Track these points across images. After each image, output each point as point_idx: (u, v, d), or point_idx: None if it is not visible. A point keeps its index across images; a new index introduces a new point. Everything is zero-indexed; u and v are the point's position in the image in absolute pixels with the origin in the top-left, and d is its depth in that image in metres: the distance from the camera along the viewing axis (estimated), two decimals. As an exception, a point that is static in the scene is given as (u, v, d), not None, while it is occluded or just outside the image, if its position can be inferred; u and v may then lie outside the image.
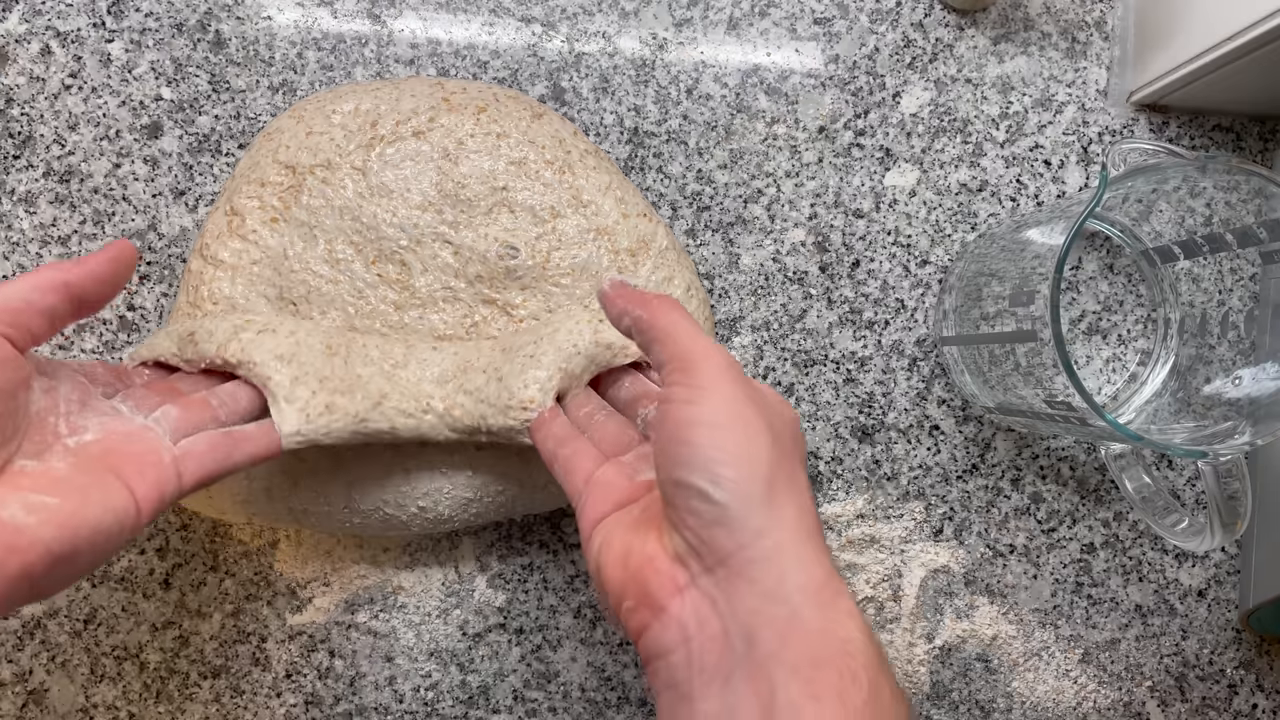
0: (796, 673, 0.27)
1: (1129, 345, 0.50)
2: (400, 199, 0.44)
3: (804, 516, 0.30)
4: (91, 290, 0.34)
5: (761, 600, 0.28)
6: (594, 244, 0.45)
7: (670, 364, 0.32)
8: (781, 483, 0.30)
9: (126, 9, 0.48)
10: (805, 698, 0.27)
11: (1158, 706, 0.50)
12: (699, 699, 0.28)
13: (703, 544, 0.29)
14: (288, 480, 0.43)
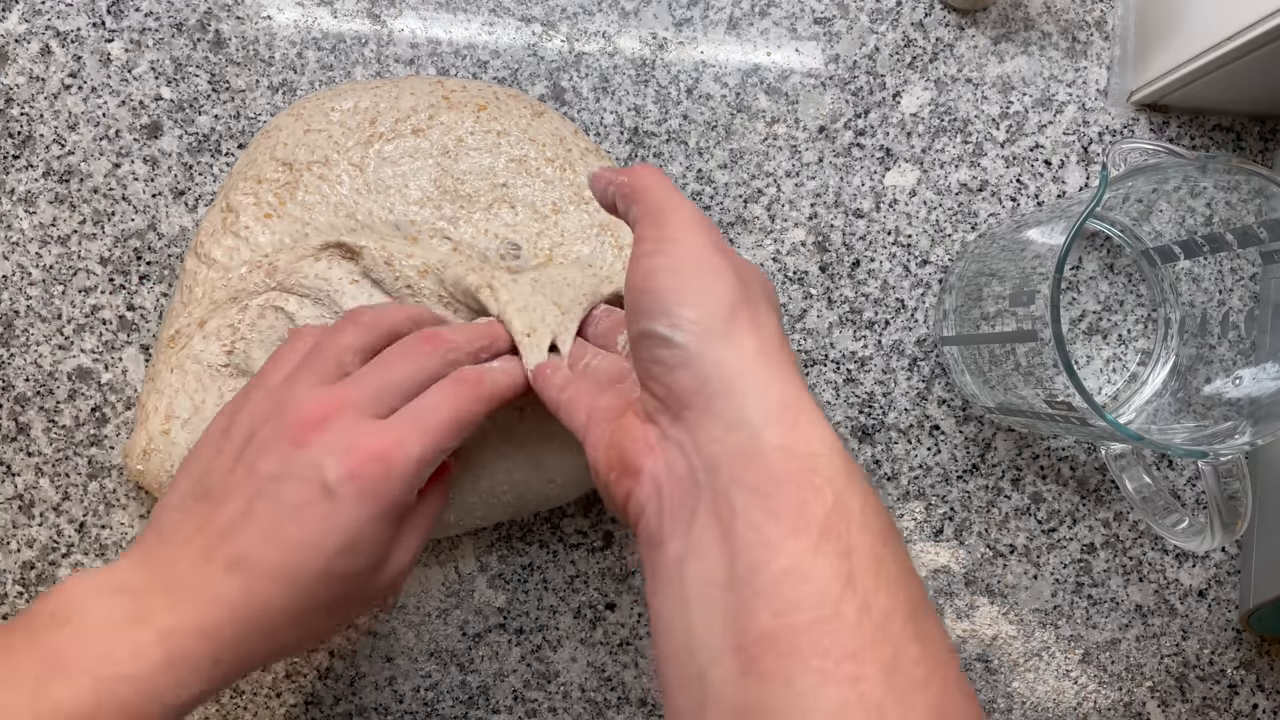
0: (756, 492, 0.26)
1: (1129, 345, 0.50)
2: (398, 195, 0.44)
3: (767, 345, 0.29)
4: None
5: (723, 429, 0.28)
6: (597, 239, 0.45)
7: (642, 219, 0.32)
8: (743, 320, 0.29)
9: (126, 9, 0.48)
10: (764, 515, 0.26)
11: (1158, 707, 0.50)
12: (668, 541, 0.28)
13: (668, 392, 0.29)
14: None
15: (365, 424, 0.33)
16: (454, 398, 0.35)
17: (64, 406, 0.47)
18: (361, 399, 0.34)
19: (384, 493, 0.32)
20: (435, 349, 0.36)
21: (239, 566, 0.31)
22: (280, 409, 0.34)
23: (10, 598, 0.46)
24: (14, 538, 0.46)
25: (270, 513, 0.32)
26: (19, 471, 0.46)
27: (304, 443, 0.32)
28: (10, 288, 0.47)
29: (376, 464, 0.32)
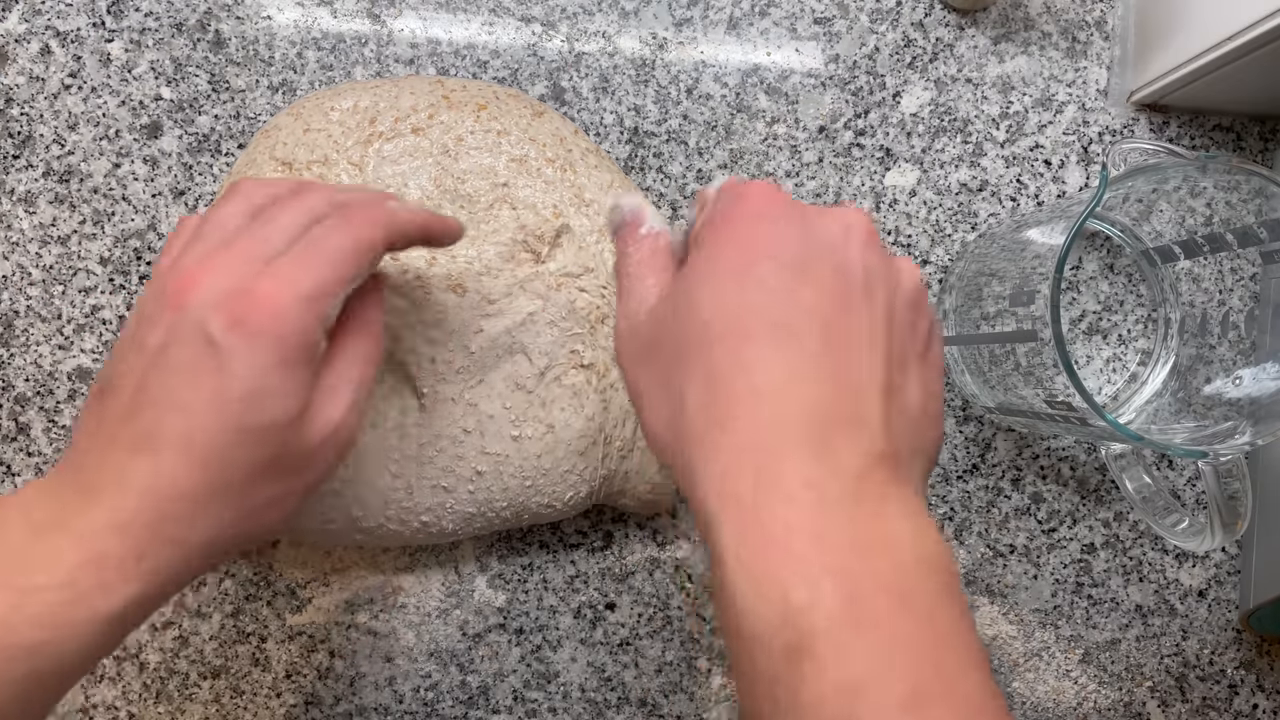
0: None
1: (1129, 345, 0.50)
2: (397, 194, 0.44)
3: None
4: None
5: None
6: (596, 245, 0.45)
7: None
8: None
9: (126, 9, 0.48)
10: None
11: (1158, 707, 0.50)
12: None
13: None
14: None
15: (246, 270, 0.30)
16: (344, 223, 0.32)
17: (64, 406, 0.47)
18: (242, 251, 0.31)
19: (276, 332, 0.30)
20: (324, 194, 0.33)
21: (143, 445, 0.29)
22: (162, 282, 0.31)
23: (10, 598, 0.46)
24: (14, 538, 0.46)
25: (162, 382, 0.30)
26: (19, 471, 0.46)
27: (183, 305, 0.30)
28: (10, 288, 0.47)
29: (262, 305, 0.30)
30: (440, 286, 0.43)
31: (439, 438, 0.43)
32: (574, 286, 0.44)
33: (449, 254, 0.43)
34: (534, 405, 0.44)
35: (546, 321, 0.43)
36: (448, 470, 0.43)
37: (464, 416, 0.43)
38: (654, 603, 0.48)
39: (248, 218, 0.33)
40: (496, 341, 0.43)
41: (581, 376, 0.44)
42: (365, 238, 0.32)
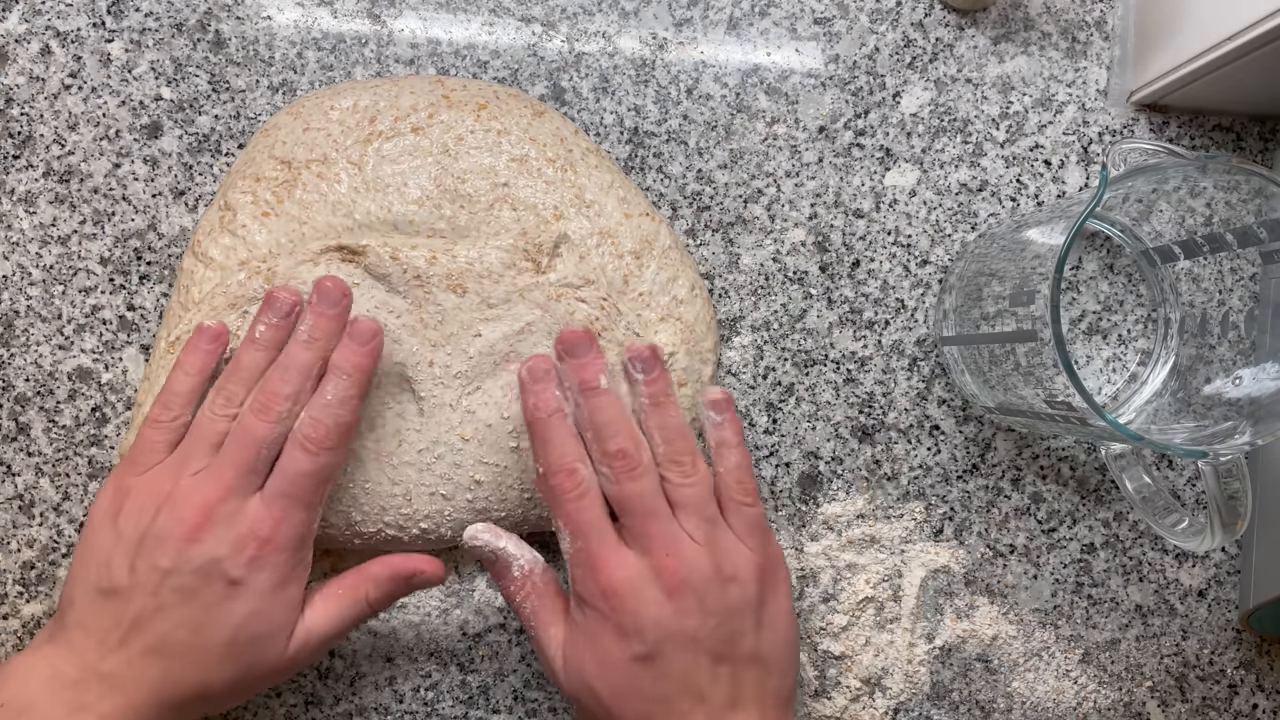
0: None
1: (1129, 345, 0.50)
2: (397, 194, 0.44)
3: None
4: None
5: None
6: (597, 250, 0.45)
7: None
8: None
9: (126, 9, 0.48)
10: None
11: (1158, 707, 0.50)
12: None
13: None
14: None
15: (247, 506, 0.38)
16: (305, 460, 0.39)
17: (64, 406, 0.47)
18: (236, 479, 0.38)
19: (278, 564, 0.38)
20: (275, 411, 0.39)
21: (157, 652, 0.37)
22: (168, 503, 0.38)
23: (10, 598, 0.46)
24: (14, 538, 0.46)
25: (177, 604, 0.37)
26: (19, 471, 0.46)
27: (197, 538, 0.37)
28: (10, 288, 0.47)
29: (267, 545, 0.38)
30: (440, 286, 0.43)
31: (437, 444, 0.43)
32: (573, 298, 0.44)
33: (450, 254, 0.43)
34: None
35: (544, 332, 0.43)
36: (446, 478, 0.43)
37: (462, 424, 0.43)
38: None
39: (228, 419, 0.39)
40: (494, 348, 0.43)
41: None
42: (326, 465, 0.39)
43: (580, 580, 0.39)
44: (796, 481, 0.49)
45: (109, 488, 0.40)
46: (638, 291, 0.45)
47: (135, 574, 0.37)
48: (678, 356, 0.45)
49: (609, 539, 0.39)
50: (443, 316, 0.43)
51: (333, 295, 0.40)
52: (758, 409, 0.49)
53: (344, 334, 0.40)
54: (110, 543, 0.38)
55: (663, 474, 0.40)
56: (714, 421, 0.41)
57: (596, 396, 0.40)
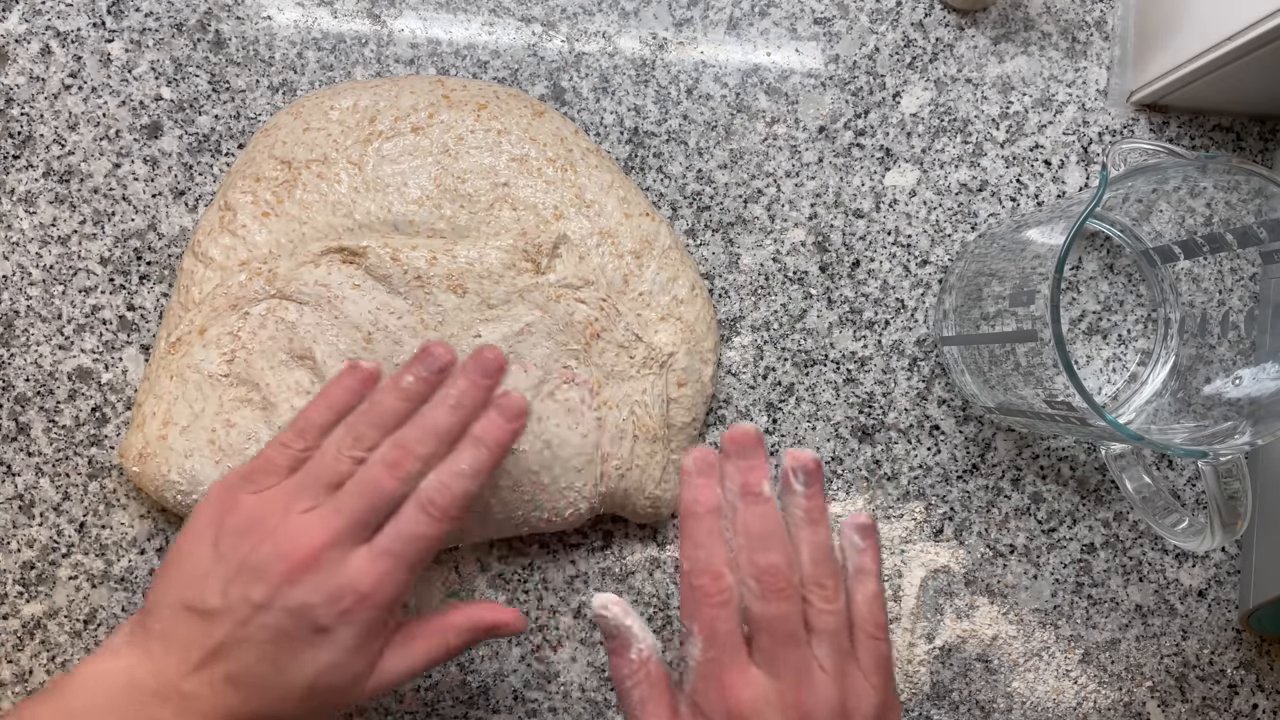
0: None
1: (1129, 345, 0.50)
2: (397, 194, 0.44)
3: None
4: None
5: None
6: (597, 250, 0.45)
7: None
8: None
9: (126, 9, 0.48)
10: None
11: (1158, 707, 0.50)
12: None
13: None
14: None
15: (352, 557, 0.37)
16: (423, 524, 0.38)
17: (64, 406, 0.47)
18: (349, 528, 0.37)
19: (369, 621, 0.37)
20: (406, 469, 0.38)
21: (236, 682, 0.36)
22: (274, 535, 0.37)
23: (10, 598, 0.46)
24: (14, 538, 0.46)
25: (262, 639, 0.36)
26: (19, 471, 0.46)
27: (296, 580, 0.36)
28: (10, 288, 0.47)
29: (363, 602, 0.37)
30: (441, 286, 0.43)
31: None
32: (573, 298, 0.44)
33: (450, 254, 0.43)
34: (530, 420, 0.43)
35: (544, 333, 0.43)
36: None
37: None
38: (654, 603, 0.48)
39: (353, 461, 0.38)
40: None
41: (575, 394, 0.44)
42: (437, 534, 0.38)
43: (703, 691, 0.37)
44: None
45: (217, 496, 0.39)
46: (638, 291, 0.45)
47: (227, 600, 0.36)
48: (678, 357, 0.45)
49: (740, 656, 0.37)
50: (443, 317, 0.43)
51: (490, 366, 0.39)
52: (758, 409, 0.49)
53: (492, 406, 0.39)
54: (208, 561, 0.37)
55: (805, 594, 0.38)
56: (856, 546, 0.40)
57: (758, 504, 0.38)
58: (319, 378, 0.43)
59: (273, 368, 0.43)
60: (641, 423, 0.44)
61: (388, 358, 0.43)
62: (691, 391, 0.46)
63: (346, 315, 0.43)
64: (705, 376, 0.46)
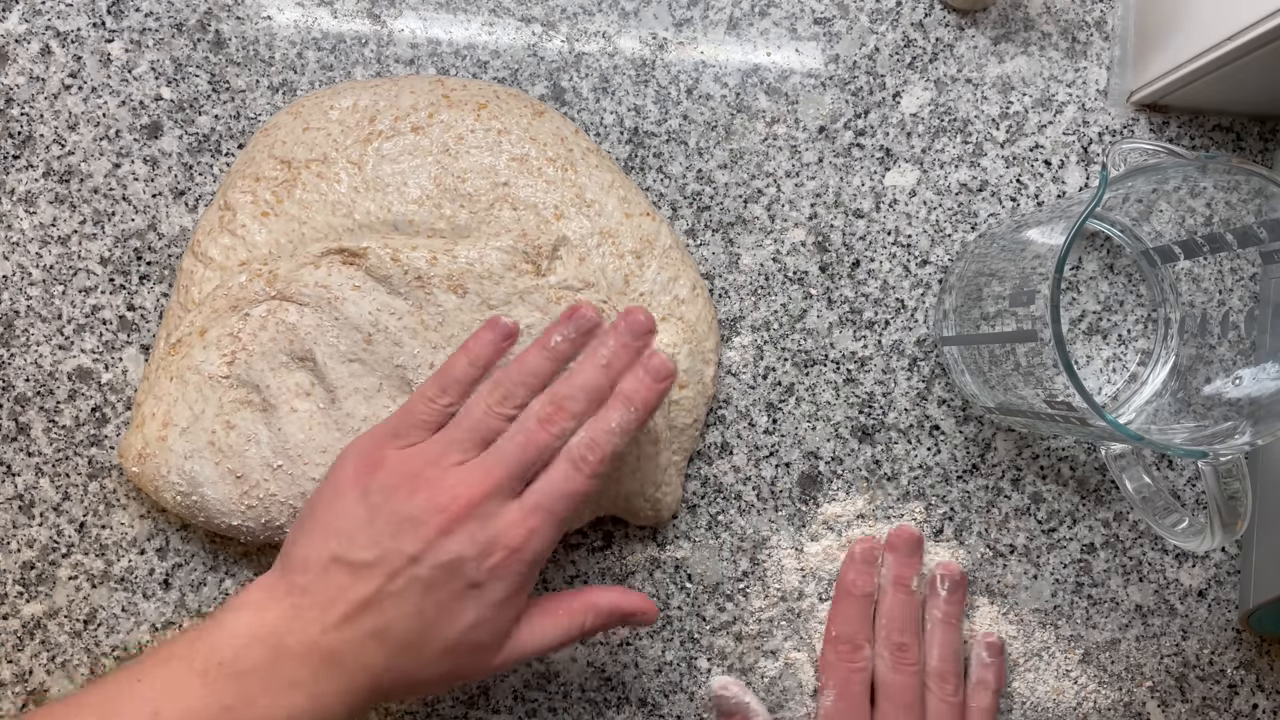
0: None
1: (1129, 345, 0.50)
2: (397, 194, 0.44)
3: None
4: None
5: None
6: (598, 250, 0.45)
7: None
8: None
9: (126, 9, 0.48)
10: None
11: (1158, 707, 0.50)
12: None
13: None
14: (286, 510, 0.43)
15: (505, 511, 0.37)
16: (575, 479, 0.38)
17: (64, 406, 0.47)
18: (503, 480, 0.37)
19: (517, 575, 0.37)
20: (560, 425, 0.38)
21: (382, 638, 0.36)
22: (429, 486, 0.37)
23: (10, 598, 0.46)
24: (14, 538, 0.46)
25: (414, 592, 0.36)
26: (19, 471, 0.46)
27: (449, 530, 0.36)
28: (10, 288, 0.47)
29: (513, 556, 0.37)
30: (441, 287, 0.43)
31: None
32: (573, 300, 0.44)
33: (450, 254, 0.43)
34: None
35: None
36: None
37: None
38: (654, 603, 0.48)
39: (503, 418, 0.38)
40: None
41: None
42: (584, 488, 0.38)
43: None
44: (796, 481, 0.49)
45: (358, 452, 0.38)
46: (639, 291, 0.45)
47: (381, 550, 0.36)
48: (679, 357, 0.45)
49: (865, 714, 0.45)
50: (443, 318, 0.43)
51: (641, 328, 0.40)
52: (758, 409, 0.49)
53: (640, 366, 0.40)
54: (360, 513, 0.37)
55: (928, 682, 0.45)
56: (983, 661, 0.47)
57: (905, 594, 0.46)
58: (319, 379, 0.43)
59: (273, 369, 0.43)
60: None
61: (388, 359, 0.43)
62: (693, 393, 0.46)
63: (347, 316, 0.43)
64: (706, 377, 0.46)
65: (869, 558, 0.47)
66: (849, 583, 0.47)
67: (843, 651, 0.46)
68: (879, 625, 0.46)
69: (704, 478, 0.49)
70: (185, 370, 0.43)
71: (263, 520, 0.43)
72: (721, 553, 0.48)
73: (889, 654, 0.45)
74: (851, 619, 0.46)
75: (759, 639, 0.48)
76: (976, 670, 0.47)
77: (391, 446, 0.38)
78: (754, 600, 0.48)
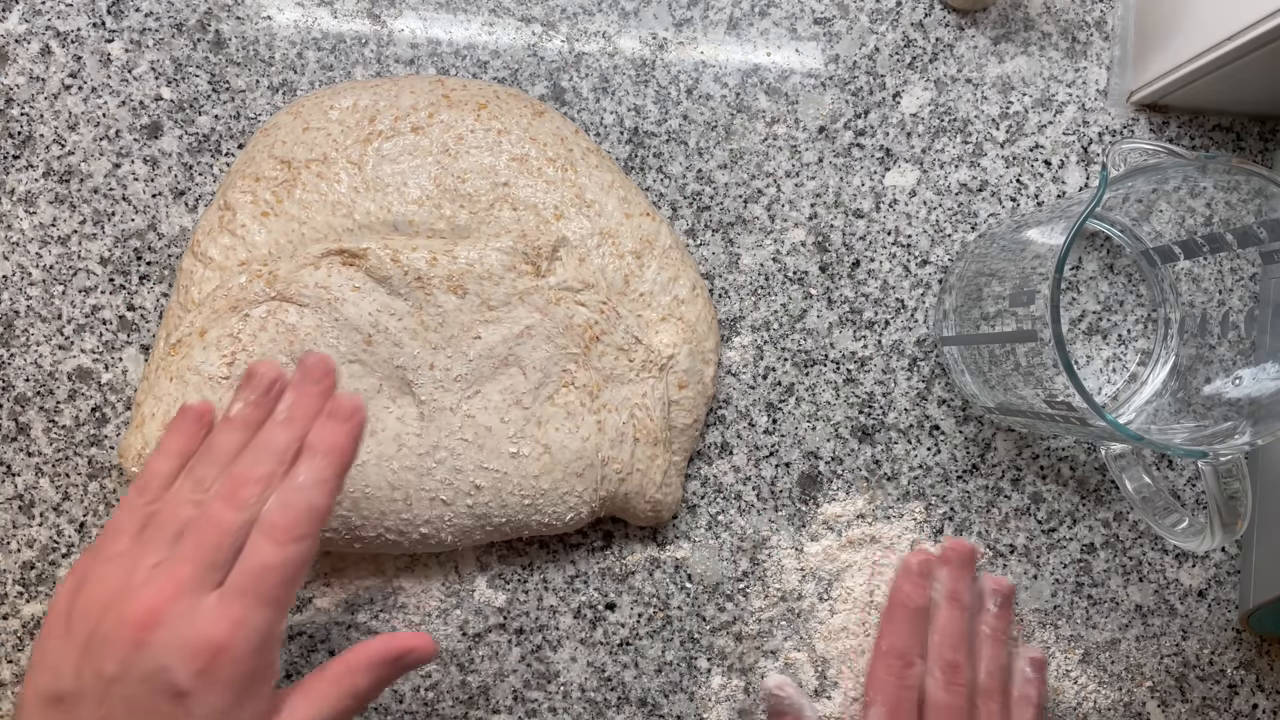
0: None
1: (1129, 345, 0.50)
2: (396, 194, 0.44)
3: None
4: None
5: None
6: (598, 250, 0.45)
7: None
8: None
9: (126, 9, 0.48)
10: None
11: (1158, 707, 0.50)
12: None
13: None
14: None
15: (201, 607, 0.33)
16: (271, 551, 0.34)
17: (64, 406, 0.47)
18: (194, 574, 0.34)
19: (235, 674, 0.33)
20: (243, 496, 0.35)
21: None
22: (118, 600, 0.34)
23: (10, 598, 0.46)
24: (14, 538, 0.46)
25: (124, 714, 0.33)
26: (19, 471, 0.46)
27: (143, 643, 0.33)
28: (10, 288, 0.47)
29: (222, 654, 0.33)
30: (441, 287, 0.43)
31: (437, 448, 0.43)
32: (573, 301, 0.44)
33: (450, 255, 0.43)
34: (530, 423, 0.43)
35: (543, 336, 0.43)
36: (446, 483, 0.43)
37: (462, 428, 0.43)
38: (654, 603, 0.48)
39: (195, 505, 0.35)
40: (493, 351, 0.43)
41: (574, 396, 0.44)
42: (296, 555, 0.34)
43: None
44: (796, 481, 0.49)
45: (71, 574, 0.36)
46: (639, 291, 0.45)
47: (82, 680, 0.33)
48: (679, 358, 0.45)
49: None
50: (443, 319, 0.43)
51: (316, 371, 0.37)
52: (758, 409, 0.49)
53: (324, 411, 0.37)
54: (61, 644, 0.34)
55: (976, 699, 0.45)
56: (1027, 677, 0.47)
57: (957, 609, 0.45)
58: None
59: None
60: (642, 426, 0.44)
61: (388, 360, 0.43)
62: (693, 393, 0.46)
63: (347, 318, 0.43)
64: (707, 377, 0.46)
65: (925, 570, 0.46)
66: (905, 595, 0.46)
67: (894, 667, 0.45)
68: (932, 641, 0.45)
69: (704, 478, 0.49)
70: (185, 371, 0.43)
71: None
72: (721, 553, 0.48)
73: (940, 673, 0.44)
74: (904, 633, 0.45)
75: (759, 639, 0.48)
76: (1020, 686, 0.46)
77: (96, 562, 0.35)
78: (754, 600, 0.48)
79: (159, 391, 0.44)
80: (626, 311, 0.45)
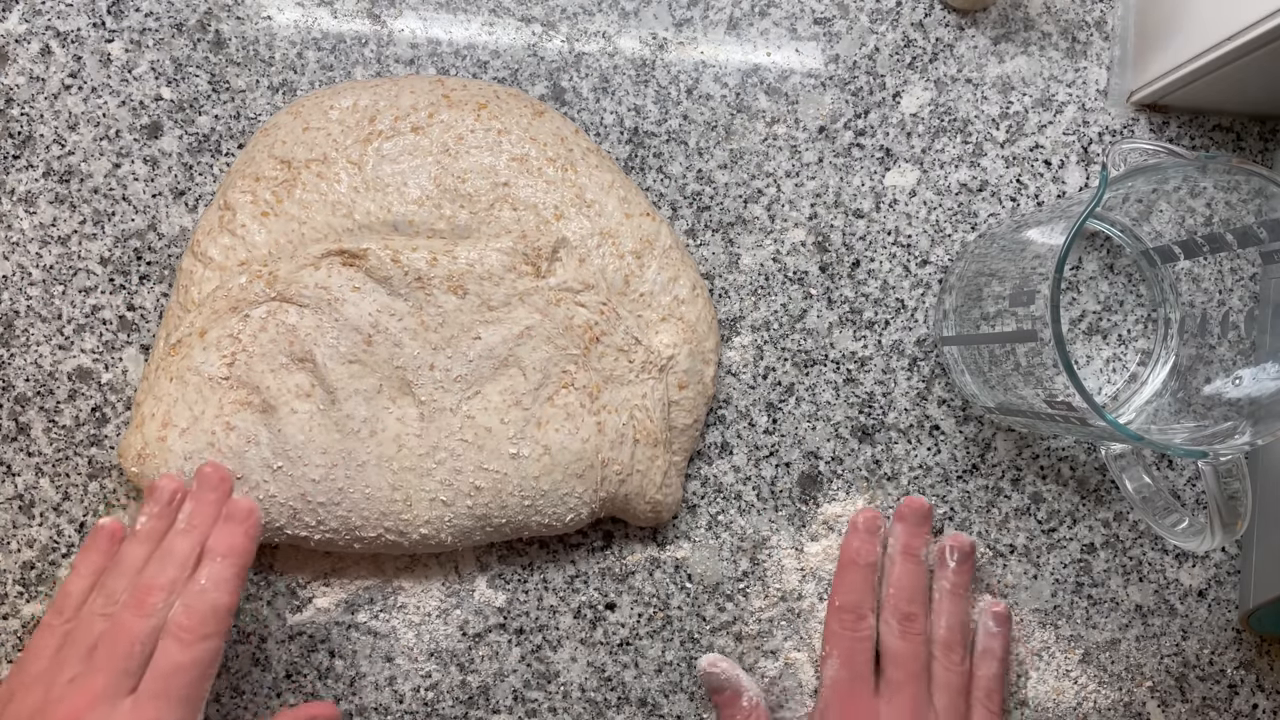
0: None
1: (1129, 345, 0.50)
2: (396, 194, 0.44)
3: None
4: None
5: None
6: (598, 250, 0.45)
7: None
8: None
9: (126, 9, 0.48)
10: None
11: (1158, 707, 0.50)
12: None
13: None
14: (286, 511, 0.43)
15: (116, 714, 0.35)
16: (178, 652, 0.37)
17: (64, 406, 0.47)
18: (108, 684, 0.36)
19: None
20: (149, 604, 0.37)
21: None
22: (39, 716, 0.36)
23: (10, 598, 0.46)
24: (14, 538, 0.46)
25: None
26: (19, 471, 0.46)
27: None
28: (10, 288, 0.47)
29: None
30: (441, 288, 0.43)
31: (437, 449, 0.43)
32: (573, 301, 0.44)
33: (450, 255, 0.43)
34: (530, 424, 0.43)
35: (543, 337, 0.43)
36: (446, 484, 0.43)
37: (462, 428, 0.43)
38: (654, 603, 0.48)
39: (106, 619, 0.37)
40: (493, 351, 0.43)
41: (574, 398, 0.44)
42: (203, 651, 0.37)
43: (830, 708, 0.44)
44: (796, 481, 0.49)
45: (6, 683, 0.38)
46: (639, 292, 0.45)
47: None
48: (679, 358, 0.45)
49: (868, 685, 0.44)
50: (443, 319, 0.43)
51: (211, 480, 0.40)
52: (758, 409, 0.49)
53: (221, 517, 0.40)
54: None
55: (934, 652, 0.45)
56: (990, 630, 0.47)
57: (913, 564, 0.46)
58: (319, 380, 0.43)
59: (273, 371, 0.43)
60: (642, 426, 0.44)
61: (388, 360, 0.43)
62: (693, 393, 0.46)
63: (347, 318, 0.43)
64: (707, 377, 0.47)
65: (871, 527, 0.47)
66: (853, 552, 0.46)
67: (847, 620, 0.45)
68: (886, 594, 0.46)
69: (704, 478, 0.49)
70: (185, 371, 0.43)
71: (262, 521, 0.43)
72: (721, 553, 0.48)
73: (896, 622, 0.45)
74: (855, 588, 0.46)
75: (759, 639, 0.48)
76: (983, 639, 0.46)
77: (20, 684, 0.37)
78: (754, 600, 0.48)
79: (159, 391, 0.44)
80: (626, 312, 0.45)
